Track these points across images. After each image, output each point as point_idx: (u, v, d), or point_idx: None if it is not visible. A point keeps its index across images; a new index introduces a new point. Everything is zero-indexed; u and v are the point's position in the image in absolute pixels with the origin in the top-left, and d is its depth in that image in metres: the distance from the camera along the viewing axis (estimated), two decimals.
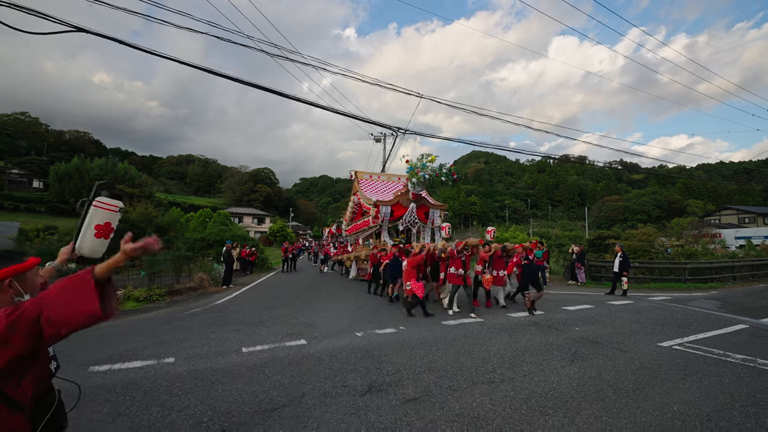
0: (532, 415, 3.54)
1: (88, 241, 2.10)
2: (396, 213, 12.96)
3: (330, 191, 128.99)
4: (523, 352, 5.51)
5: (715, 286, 13.62)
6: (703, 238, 25.76)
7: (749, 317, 7.94)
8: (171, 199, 70.94)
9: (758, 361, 5.08)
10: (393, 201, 13.03)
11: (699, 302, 10.04)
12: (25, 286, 1.54)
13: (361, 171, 17.17)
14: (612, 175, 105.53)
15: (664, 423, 3.37)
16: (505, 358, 5.20)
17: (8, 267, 1.49)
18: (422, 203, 13.32)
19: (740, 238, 31.87)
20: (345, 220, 19.52)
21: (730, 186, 78.80)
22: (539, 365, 4.93)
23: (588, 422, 3.40)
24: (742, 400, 3.83)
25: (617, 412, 3.58)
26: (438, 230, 13.15)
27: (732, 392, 4.05)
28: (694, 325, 7.16)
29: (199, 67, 9.38)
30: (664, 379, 4.47)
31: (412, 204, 12.89)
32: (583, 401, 3.84)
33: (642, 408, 3.68)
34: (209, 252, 19.23)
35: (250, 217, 69.62)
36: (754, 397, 3.93)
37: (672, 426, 3.32)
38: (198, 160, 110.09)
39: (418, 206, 13.10)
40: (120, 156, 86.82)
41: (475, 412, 3.61)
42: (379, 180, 16.48)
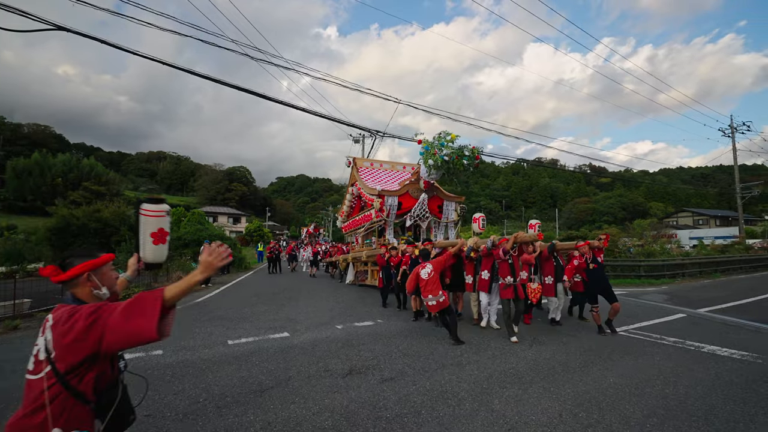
0: (492, 388, 4.09)
1: (149, 249, 2.20)
2: (404, 205, 10.94)
3: (307, 191, 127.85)
4: (488, 339, 6.10)
5: (666, 282, 14.84)
6: (661, 239, 27.66)
7: (689, 308, 8.91)
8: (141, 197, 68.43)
9: (687, 342, 5.87)
10: (401, 191, 11.05)
11: (650, 296, 11.03)
12: (102, 279, 1.68)
13: (360, 158, 14.87)
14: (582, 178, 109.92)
15: (601, 392, 4.00)
16: (472, 344, 5.75)
17: (85, 262, 1.63)
18: (435, 194, 11.18)
19: (694, 238, 34.31)
20: (341, 215, 16.42)
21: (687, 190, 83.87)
22: (502, 350, 5.51)
23: (538, 392, 3.98)
24: (666, 373, 4.53)
25: (563, 385, 4.19)
26: (452, 226, 11.44)
27: (659, 367, 4.76)
28: (641, 315, 8.01)
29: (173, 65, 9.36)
30: (606, 358, 5.15)
31: (423, 194, 10.74)
32: (536, 377, 4.44)
33: (584, 381, 4.31)
34: (185, 251, 19.06)
35: (225, 216, 68.26)
36: (675, 370, 4.66)
37: (606, 393, 3.96)
38: (170, 157, 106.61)
39: (430, 197, 10.94)
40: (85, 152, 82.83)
41: (444, 387, 4.12)
42: (381, 168, 13.89)
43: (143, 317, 1.44)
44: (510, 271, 6.05)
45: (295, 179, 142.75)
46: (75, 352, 1.42)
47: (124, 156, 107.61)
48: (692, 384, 4.22)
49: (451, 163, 9.60)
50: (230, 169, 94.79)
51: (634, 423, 3.33)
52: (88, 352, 1.43)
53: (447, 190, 12.39)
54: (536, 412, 3.55)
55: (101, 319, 1.43)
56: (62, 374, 1.42)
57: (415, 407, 3.65)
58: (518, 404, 3.71)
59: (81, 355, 1.43)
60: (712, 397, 3.88)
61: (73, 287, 1.62)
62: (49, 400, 1.40)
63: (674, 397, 3.88)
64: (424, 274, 5.86)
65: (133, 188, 77.68)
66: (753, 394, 3.95)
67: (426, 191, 10.82)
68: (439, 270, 5.89)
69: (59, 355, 1.42)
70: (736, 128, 27.76)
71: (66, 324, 1.43)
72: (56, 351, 1.42)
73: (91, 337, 1.41)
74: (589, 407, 3.63)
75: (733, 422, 3.34)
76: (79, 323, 1.42)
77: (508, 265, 6.06)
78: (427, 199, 10.87)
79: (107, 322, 1.43)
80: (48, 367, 1.42)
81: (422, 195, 10.82)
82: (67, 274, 1.59)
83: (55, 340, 1.43)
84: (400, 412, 3.54)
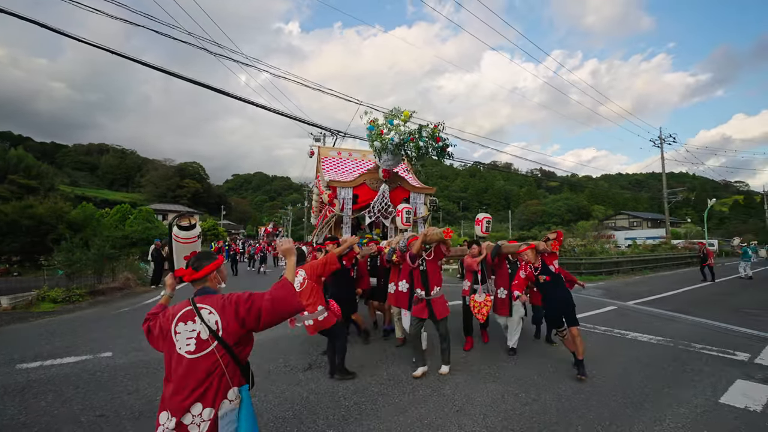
0: (444, 375, 4.42)
1: None
2: (360, 198, 9.30)
3: (265, 189, 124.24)
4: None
5: (603, 278, 16.26)
6: (601, 239, 30.14)
7: (619, 301, 9.91)
8: (79, 192, 63.01)
9: (614, 330, 6.61)
10: (356, 181, 9.39)
11: (587, 291, 12.05)
12: (222, 276, 2.13)
13: (326, 147, 12.96)
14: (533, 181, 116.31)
15: (539, 375, 4.47)
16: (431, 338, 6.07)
17: (215, 261, 2.05)
18: (399, 185, 9.46)
19: (629, 238, 37.55)
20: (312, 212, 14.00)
21: (625, 194, 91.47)
22: (453, 342, 5.88)
23: (484, 377, 4.37)
24: (595, 357, 5.11)
25: (505, 367, 4.64)
26: (422, 222, 9.54)
27: (590, 351, 5.31)
28: (578, 308, 8.73)
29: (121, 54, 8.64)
30: (544, 346, 5.69)
31: (384, 185, 9.03)
32: (483, 363, 4.86)
33: (524, 365, 4.79)
34: (132, 251, 17.98)
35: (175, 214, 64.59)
36: (603, 354, 5.29)
37: (543, 376, 4.43)
38: (113, 150, 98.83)
39: (392, 188, 9.27)
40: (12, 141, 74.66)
41: (399, 377, 4.38)
42: (350, 158, 11.77)
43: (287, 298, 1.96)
44: (421, 282, 4.63)
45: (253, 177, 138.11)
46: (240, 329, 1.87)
47: (60, 147, 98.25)
48: (615, 365, 4.82)
49: (404, 146, 7.99)
50: (182, 164, 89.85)
51: (564, 399, 3.78)
52: (251, 327, 1.89)
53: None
54: (482, 394, 3.91)
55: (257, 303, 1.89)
56: (231, 346, 1.84)
57: (372, 396, 3.87)
58: (466, 388, 4.05)
59: (244, 330, 1.89)
60: (630, 375, 4.47)
61: (202, 283, 2.00)
62: (225, 366, 1.80)
63: (600, 376, 4.42)
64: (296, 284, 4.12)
65: (69, 183, 71.30)
66: (662, 371, 4.60)
67: (386, 181, 9.05)
68: (315, 277, 4.44)
69: (229, 332, 1.84)
70: (664, 139, 30.85)
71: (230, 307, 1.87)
72: (225, 329, 1.84)
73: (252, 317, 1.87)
74: (528, 388, 4.05)
75: (644, 395, 3.89)
76: (241, 306, 1.87)
77: (419, 274, 4.67)
78: (388, 190, 9.09)
79: (261, 305, 1.89)
80: (215, 343, 1.81)
81: (382, 186, 9.05)
82: (200, 273, 1.98)
83: (224, 320, 1.84)
84: (358, 401, 3.74)
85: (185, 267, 2.03)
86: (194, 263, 2.01)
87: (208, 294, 1.95)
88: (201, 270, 1.99)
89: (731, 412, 3.54)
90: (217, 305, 1.88)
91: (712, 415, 3.48)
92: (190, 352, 1.79)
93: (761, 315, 8.02)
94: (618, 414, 3.49)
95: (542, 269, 4.78)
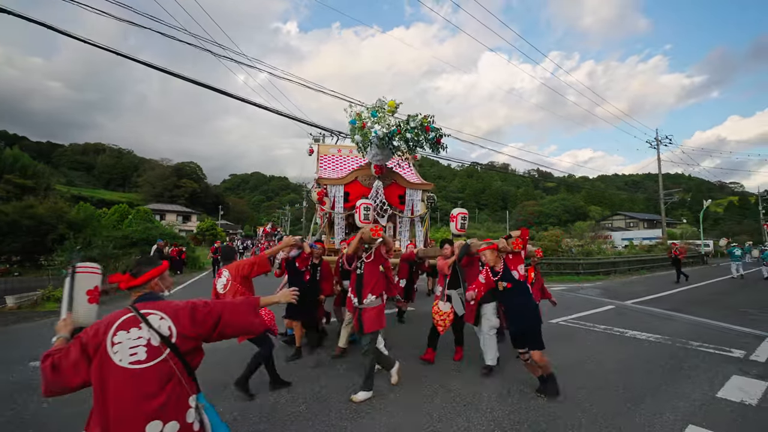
0: (450, 372, 4.53)
1: (83, 307, 2.12)
2: (353, 196, 8.73)
3: (263, 189, 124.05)
4: None
5: (601, 278, 16.45)
6: (598, 240, 30.39)
7: (617, 300, 10.08)
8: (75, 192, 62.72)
9: (614, 329, 6.76)
10: (347, 178, 8.90)
11: (586, 291, 12.26)
12: (165, 283, 1.96)
13: (327, 144, 12.21)
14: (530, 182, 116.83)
15: None
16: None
17: (158, 267, 1.91)
18: (394, 181, 8.86)
19: (625, 239, 37.94)
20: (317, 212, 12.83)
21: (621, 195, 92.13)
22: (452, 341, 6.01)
23: (489, 375, 4.49)
24: (595, 354, 5.27)
25: (508, 369, 4.75)
26: (419, 222, 9.07)
27: (591, 349, 5.51)
28: (577, 307, 8.96)
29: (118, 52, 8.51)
30: (547, 344, 5.80)
31: (377, 182, 8.54)
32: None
33: None
34: (132, 251, 17.98)
35: (174, 214, 64.51)
36: (603, 351, 5.44)
37: None
38: (110, 150, 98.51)
39: (386, 185, 8.75)
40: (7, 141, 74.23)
41: (409, 374, 4.50)
42: (350, 156, 10.96)
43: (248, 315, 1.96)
44: (356, 287, 4.08)
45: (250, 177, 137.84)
46: (196, 335, 1.77)
47: (55, 147, 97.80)
48: (615, 362, 4.97)
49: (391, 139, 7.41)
50: (179, 164, 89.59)
51: (567, 394, 3.92)
52: (206, 333, 1.81)
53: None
54: (488, 389, 4.04)
55: (216, 309, 1.84)
56: (183, 354, 1.71)
57: (382, 391, 3.99)
58: (473, 384, 4.18)
59: (199, 337, 1.79)
60: (630, 372, 4.61)
61: (143, 290, 1.85)
62: (180, 373, 1.68)
63: (601, 373, 4.56)
64: (219, 286, 4.07)
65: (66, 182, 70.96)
66: (660, 368, 4.74)
67: (379, 178, 8.55)
68: (239, 279, 4.04)
69: (183, 338, 1.72)
70: (660, 141, 31.18)
71: (185, 312, 1.77)
72: (179, 335, 1.71)
73: (210, 323, 1.81)
74: (532, 384, 4.17)
75: (645, 390, 4.04)
76: (199, 312, 1.80)
77: (356, 278, 4.13)
78: (382, 187, 8.59)
79: (222, 312, 1.85)
80: (167, 350, 1.66)
81: (375, 183, 8.56)
82: (140, 279, 1.83)
83: (178, 326, 1.72)
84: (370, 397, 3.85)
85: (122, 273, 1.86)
86: (134, 269, 1.86)
87: (154, 300, 1.80)
88: (141, 276, 1.84)
89: (728, 405, 3.68)
90: (169, 310, 1.74)
91: (710, 408, 3.62)
92: (138, 362, 1.60)
93: (756, 314, 8.21)
94: (620, 408, 3.62)
95: (503, 274, 3.92)
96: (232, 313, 1.88)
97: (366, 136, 7.32)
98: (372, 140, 7.37)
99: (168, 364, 1.65)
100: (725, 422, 3.36)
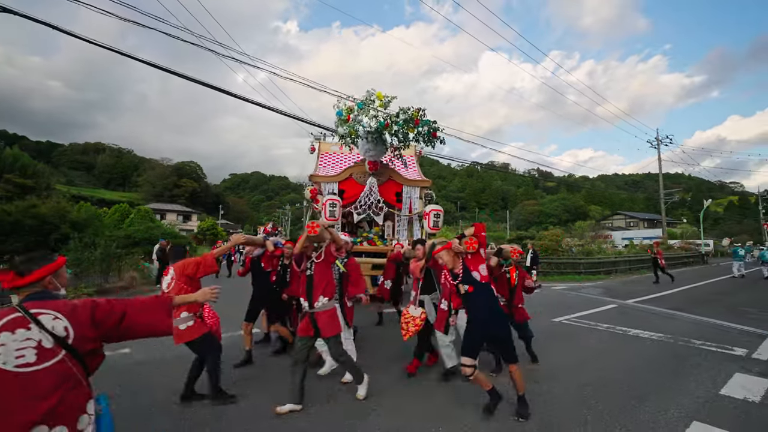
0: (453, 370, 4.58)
1: None
2: (347, 193, 8.45)
3: (262, 189, 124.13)
4: None
5: (602, 278, 16.51)
6: (598, 239, 30.45)
7: (619, 299, 10.13)
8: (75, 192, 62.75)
9: (616, 328, 6.81)
10: (341, 175, 8.59)
11: (587, 290, 12.31)
12: (60, 281, 1.81)
13: (328, 143, 12.03)
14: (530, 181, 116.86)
15: (548, 369, 4.65)
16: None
17: (52, 263, 1.74)
18: (390, 178, 8.52)
19: (625, 239, 37.99)
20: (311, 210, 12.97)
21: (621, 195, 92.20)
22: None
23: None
24: (599, 353, 5.34)
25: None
26: (418, 219, 8.69)
27: (594, 347, 5.58)
28: (579, 306, 9.01)
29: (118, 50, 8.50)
30: (552, 342, 5.87)
31: (371, 178, 8.16)
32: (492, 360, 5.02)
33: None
34: (134, 250, 18.02)
35: (174, 213, 64.54)
36: (607, 350, 5.50)
37: (552, 370, 4.60)
38: (110, 150, 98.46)
39: (382, 182, 8.43)
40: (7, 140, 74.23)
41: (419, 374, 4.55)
42: (351, 153, 10.33)
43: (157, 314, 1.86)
44: (305, 289, 3.77)
45: (250, 176, 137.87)
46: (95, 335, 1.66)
47: (55, 146, 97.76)
48: (619, 360, 5.02)
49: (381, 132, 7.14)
50: (179, 164, 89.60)
51: (573, 391, 3.97)
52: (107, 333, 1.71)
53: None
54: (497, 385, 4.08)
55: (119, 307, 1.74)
56: (82, 355, 1.61)
57: (397, 391, 4.03)
58: None
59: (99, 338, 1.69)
60: (635, 370, 4.66)
61: (33, 289, 1.68)
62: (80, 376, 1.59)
63: (606, 370, 4.61)
64: (164, 284, 3.75)
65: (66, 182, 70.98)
66: (664, 366, 4.80)
67: (374, 174, 8.17)
68: (183, 278, 3.65)
69: (81, 339, 1.61)
70: (661, 141, 31.25)
71: (85, 311, 1.65)
72: (76, 336, 1.59)
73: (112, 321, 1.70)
74: (539, 380, 4.23)
75: (649, 388, 4.09)
76: (99, 310, 1.69)
77: (306, 279, 3.79)
78: (376, 184, 8.22)
79: (126, 310, 1.74)
80: (63, 352, 1.55)
81: (369, 179, 8.18)
82: (27, 279, 1.65)
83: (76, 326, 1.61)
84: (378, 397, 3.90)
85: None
86: (21, 266, 1.66)
87: (48, 299, 1.66)
88: (30, 275, 1.66)
89: (731, 402, 3.74)
90: (65, 310, 1.61)
91: (714, 405, 3.67)
92: (26, 365, 1.49)
93: (757, 313, 8.26)
94: (625, 405, 3.67)
95: (463, 276, 3.52)
96: (139, 312, 1.77)
97: (352, 128, 7.25)
98: (359, 133, 7.33)
99: (63, 366, 1.55)
100: (729, 419, 3.40)
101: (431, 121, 7.38)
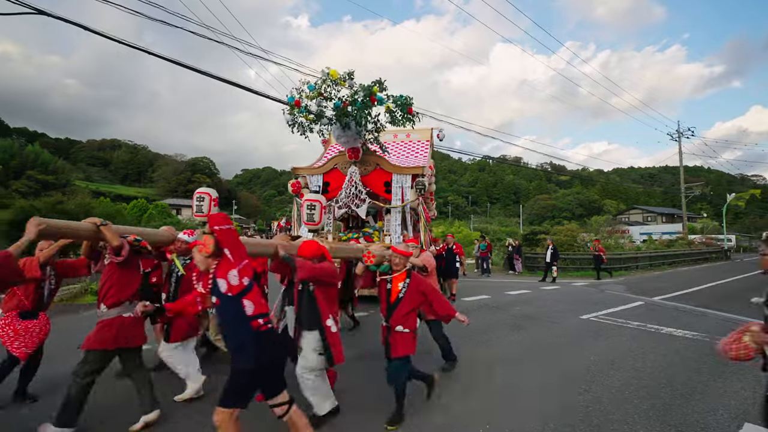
0: (492, 365, 4.59)
1: None
2: (333, 186, 7.80)
3: (274, 184, 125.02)
4: (478, 326, 6.63)
5: (623, 274, 16.27)
6: (615, 234, 29.95)
7: (645, 296, 9.97)
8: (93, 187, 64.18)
9: (648, 325, 6.71)
10: (326, 166, 7.94)
11: (610, 286, 12.14)
12: None
13: None
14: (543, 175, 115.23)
15: (584, 368, 4.62)
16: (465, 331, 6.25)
17: None
18: (377, 166, 7.67)
19: (644, 234, 37.26)
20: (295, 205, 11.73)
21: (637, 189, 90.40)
22: (491, 335, 6.06)
23: (529, 369, 4.54)
24: (634, 351, 5.26)
25: (549, 363, 4.78)
26: (410, 213, 7.75)
27: (629, 346, 5.50)
28: (605, 303, 8.90)
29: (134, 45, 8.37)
30: (583, 340, 5.83)
31: (352, 167, 7.43)
32: (525, 357, 5.02)
33: (567, 359, 4.93)
34: None
35: (189, 209, 65.48)
36: (641, 348, 5.41)
37: (589, 369, 4.57)
38: (125, 146, 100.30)
39: (368, 171, 7.65)
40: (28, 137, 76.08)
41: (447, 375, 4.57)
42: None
43: None
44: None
45: (261, 171, 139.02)
46: None
47: (73, 143, 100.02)
48: (657, 359, 4.95)
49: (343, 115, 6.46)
50: (193, 159, 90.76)
51: (614, 391, 3.93)
52: None
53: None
54: (536, 383, 4.08)
55: None
56: None
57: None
58: (519, 377, 4.24)
59: None
60: (673, 368, 4.60)
61: None
62: None
63: (644, 369, 4.56)
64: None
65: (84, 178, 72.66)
66: (705, 365, 4.71)
67: (355, 163, 7.42)
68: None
69: None
70: (681, 133, 30.43)
71: None
72: None
73: None
74: (577, 379, 4.20)
75: (692, 387, 4.03)
76: None
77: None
78: (357, 173, 7.43)
79: None
80: None
81: (350, 168, 7.43)
82: None
83: None
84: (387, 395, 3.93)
85: None
86: None
87: None
88: None
89: None
90: None
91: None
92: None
93: None
94: (670, 405, 3.63)
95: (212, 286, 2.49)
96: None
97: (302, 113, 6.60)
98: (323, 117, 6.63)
99: None
100: None
101: (404, 97, 6.54)
